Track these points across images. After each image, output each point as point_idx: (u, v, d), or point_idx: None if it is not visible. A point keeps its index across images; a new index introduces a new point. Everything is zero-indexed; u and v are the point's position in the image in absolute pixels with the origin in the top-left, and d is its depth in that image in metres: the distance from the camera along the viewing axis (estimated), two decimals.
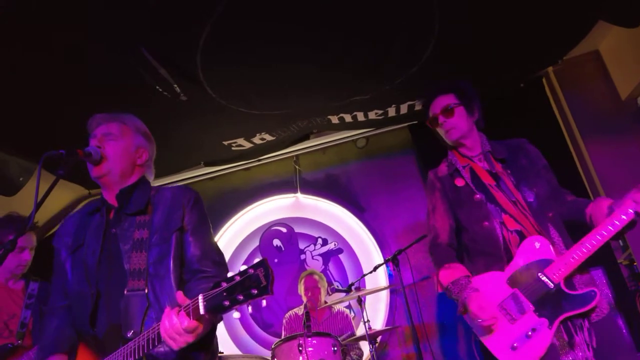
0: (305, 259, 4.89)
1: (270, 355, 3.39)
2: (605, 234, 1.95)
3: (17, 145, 3.43)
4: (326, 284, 4.31)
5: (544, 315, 1.99)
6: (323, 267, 4.82)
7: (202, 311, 1.36)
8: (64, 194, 4.54)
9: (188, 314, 1.40)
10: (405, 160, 4.85)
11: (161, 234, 1.75)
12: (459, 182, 2.30)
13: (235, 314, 4.76)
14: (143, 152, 1.93)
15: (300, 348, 3.18)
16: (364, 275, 4.13)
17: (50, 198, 1.65)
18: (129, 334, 1.58)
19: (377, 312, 4.53)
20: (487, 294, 2.07)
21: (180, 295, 1.45)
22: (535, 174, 2.23)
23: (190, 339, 1.43)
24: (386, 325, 4.41)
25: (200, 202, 1.88)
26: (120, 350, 1.56)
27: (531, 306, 2.01)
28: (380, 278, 4.53)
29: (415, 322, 3.50)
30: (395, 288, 4.40)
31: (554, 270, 2.00)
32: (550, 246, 2.05)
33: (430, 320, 4.32)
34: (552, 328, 1.96)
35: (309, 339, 3.25)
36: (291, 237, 5.00)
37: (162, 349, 1.59)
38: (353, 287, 3.89)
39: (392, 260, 3.72)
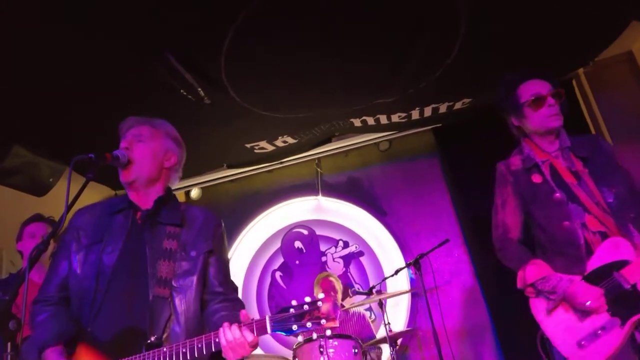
0: (326, 261, 4.89)
1: (292, 355, 3.42)
2: None
3: (48, 147, 3.53)
4: (342, 287, 4.29)
5: (617, 315, 1.94)
6: (344, 269, 4.81)
7: (269, 330, 1.49)
8: (91, 194, 4.61)
9: (252, 331, 1.51)
10: (429, 163, 4.79)
11: (189, 251, 1.81)
12: (537, 179, 2.20)
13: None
14: (171, 156, 1.96)
15: (322, 349, 3.19)
16: (385, 278, 4.11)
17: (78, 199, 1.70)
18: (152, 339, 1.62)
19: (398, 316, 4.49)
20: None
21: (244, 314, 1.59)
22: (612, 173, 2.13)
23: (249, 352, 1.54)
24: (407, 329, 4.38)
25: (224, 230, 1.98)
26: (150, 354, 1.57)
27: (604, 305, 1.96)
28: (402, 281, 4.49)
29: (437, 325, 3.46)
30: (416, 292, 4.36)
31: (632, 270, 1.95)
32: (632, 248, 2.00)
33: (452, 324, 4.26)
34: (624, 328, 1.92)
35: (330, 340, 3.25)
36: (312, 240, 5.00)
37: None
38: (374, 290, 3.87)
39: (414, 264, 3.69)
